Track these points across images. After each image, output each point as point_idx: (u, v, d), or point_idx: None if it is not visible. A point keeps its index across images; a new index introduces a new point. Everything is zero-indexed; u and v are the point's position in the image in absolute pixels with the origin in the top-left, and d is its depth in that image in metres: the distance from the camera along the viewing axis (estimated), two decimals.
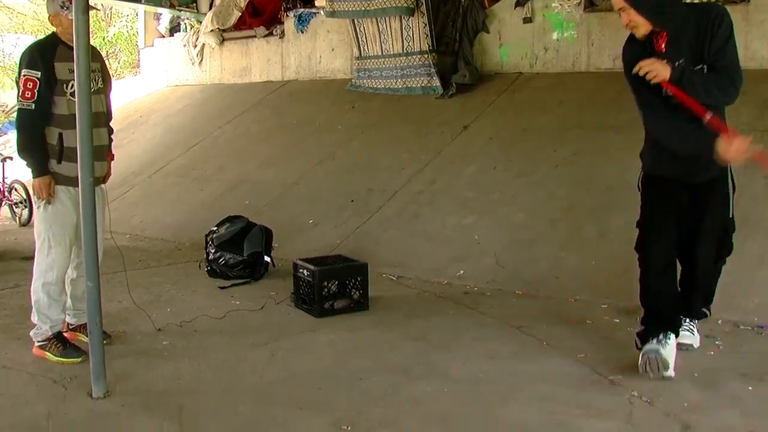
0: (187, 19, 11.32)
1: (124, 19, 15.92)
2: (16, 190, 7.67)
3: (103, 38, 15.28)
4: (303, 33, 9.60)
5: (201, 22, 10.77)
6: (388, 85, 8.31)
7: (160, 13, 11.72)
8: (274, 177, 7.36)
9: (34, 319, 3.64)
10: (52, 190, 3.53)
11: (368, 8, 8.15)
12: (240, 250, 5.27)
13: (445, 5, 7.95)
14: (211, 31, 10.46)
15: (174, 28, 11.76)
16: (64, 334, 3.73)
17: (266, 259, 5.34)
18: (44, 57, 3.49)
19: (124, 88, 11.56)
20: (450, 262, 5.21)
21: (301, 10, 9.67)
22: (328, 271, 4.46)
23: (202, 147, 8.74)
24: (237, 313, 4.41)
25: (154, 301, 4.63)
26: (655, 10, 3.08)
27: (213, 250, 5.36)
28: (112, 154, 3.90)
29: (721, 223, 3.38)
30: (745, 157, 2.98)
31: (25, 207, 7.53)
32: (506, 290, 4.77)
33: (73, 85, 3.33)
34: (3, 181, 7.71)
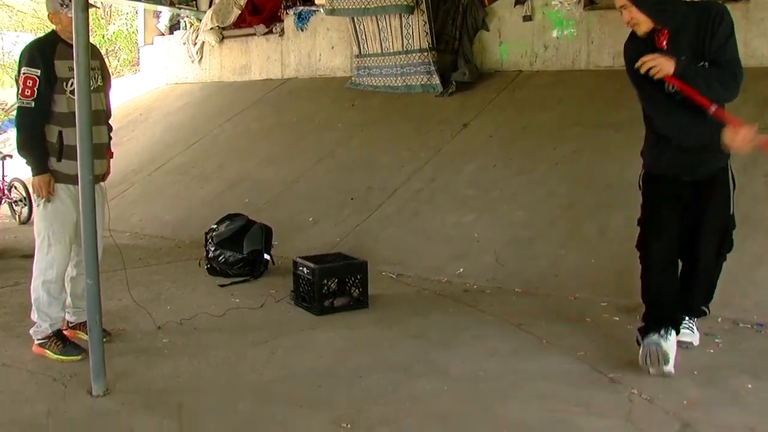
0: (187, 16, 11.33)
1: (123, 17, 15.88)
2: (15, 188, 7.67)
3: (103, 36, 15.25)
4: (303, 31, 9.60)
5: (201, 20, 10.77)
6: (387, 83, 8.31)
7: (160, 11, 11.71)
8: (274, 175, 7.36)
9: (34, 317, 3.64)
10: (52, 188, 3.53)
11: (368, 6, 8.14)
12: (240, 248, 5.27)
13: (445, 3, 7.95)
14: (211, 29, 10.45)
15: (174, 26, 11.76)
16: (64, 332, 3.73)
17: (266, 257, 5.34)
18: (44, 55, 3.48)
19: (124, 86, 11.55)
20: (450, 260, 5.21)
21: (301, 7, 9.67)
22: (328, 269, 4.45)
23: (202, 145, 8.73)
24: (237, 311, 4.41)
25: (153, 299, 4.63)
26: (656, 8, 3.11)
27: (213, 248, 5.36)
28: (111, 152, 3.89)
29: (722, 219, 3.39)
30: (751, 146, 3.01)
31: (25, 205, 7.53)
32: (506, 288, 4.77)
33: (72, 83, 3.33)
34: (3, 179, 7.71)
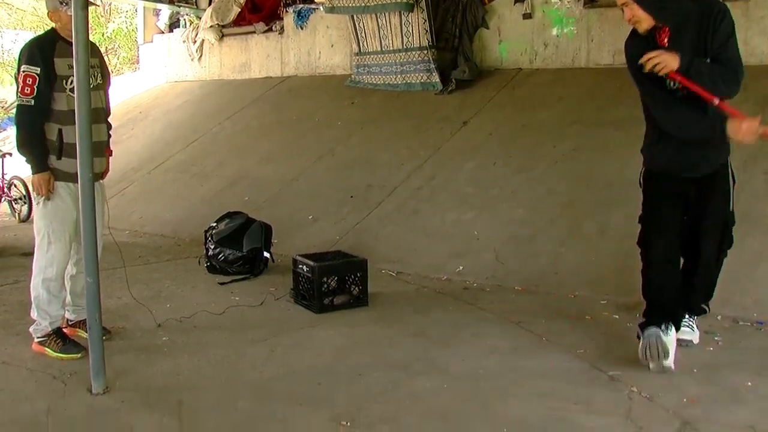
0: (187, 15, 11.32)
1: (123, 15, 15.88)
2: (15, 186, 7.67)
3: (103, 34, 15.24)
4: (302, 29, 9.59)
5: (200, 18, 10.77)
6: (387, 81, 8.31)
7: (160, 9, 11.71)
8: (274, 173, 7.35)
9: (34, 315, 3.63)
10: (52, 187, 3.52)
11: (368, 4, 8.13)
12: (239, 246, 5.27)
13: (445, 1, 7.95)
14: (211, 27, 10.45)
15: (173, 24, 11.75)
16: (64, 330, 3.73)
17: (266, 255, 5.34)
18: (44, 53, 3.47)
19: (124, 84, 11.54)
20: (449, 258, 5.21)
21: (301, 5, 9.66)
22: (328, 267, 4.45)
23: (202, 143, 8.73)
24: (236, 309, 4.41)
25: (153, 297, 4.63)
26: (657, 6, 3.12)
27: (212, 246, 5.36)
28: (111, 150, 3.89)
29: (722, 216, 3.39)
30: (755, 137, 3.03)
31: (25, 203, 7.53)
32: (506, 286, 4.77)
33: (72, 81, 3.32)
34: (2, 177, 7.71)
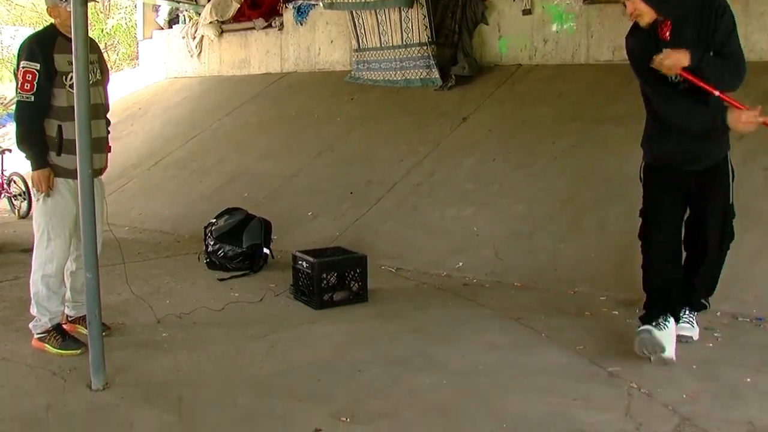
0: (186, 10, 11.29)
1: (122, 11, 15.85)
2: (15, 183, 7.67)
3: (102, 30, 15.21)
4: (302, 25, 9.58)
5: (200, 14, 10.75)
6: (387, 77, 8.29)
7: (159, 5, 11.69)
8: (273, 169, 7.35)
9: (33, 311, 3.64)
10: (52, 183, 3.52)
11: (367, 0, 8.11)
12: (239, 242, 5.27)
13: None
14: (210, 23, 10.44)
15: (173, 20, 11.74)
16: (64, 326, 3.73)
17: (265, 251, 5.34)
18: (43, 49, 3.46)
19: (123, 80, 11.54)
20: (449, 254, 5.21)
21: (300, 1, 9.63)
22: (327, 263, 4.45)
23: (201, 139, 8.72)
24: (236, 305, 4.41)
25: (153, 294, 4.62)
26: None
27: (212, 242, 5.36)
28: (109, 147, 3.89)
29: (724, 210, 3.40)
30: (755, 126, 3.07)
31: (24, 199, 7.53)
32: (505, 282, 4.77)
33: (72, 77, 3.31)
34: (2, 173, 7.71)
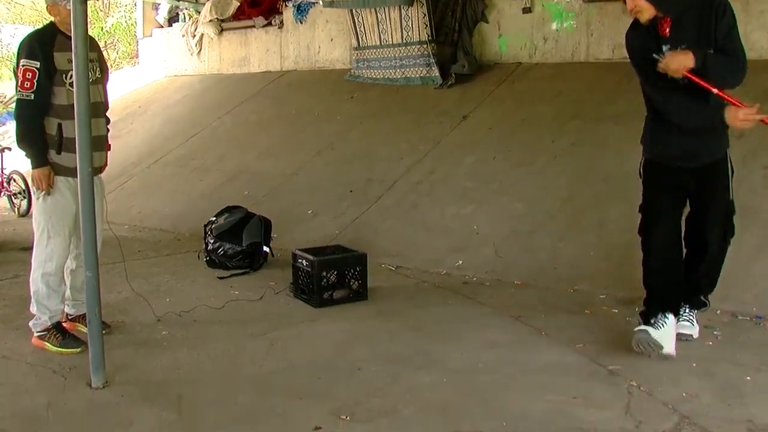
0: (186, 9, 11.30)
1: (122, 9, 15.84)
2: (14, 181, 7.66)
3: (102, 28, 15.20)
4: (302, 23, 9.57)
5: (200, 12, 10.74)
6: (386, 76, 8.29)
7: (159, 3, 11.69)
8: (273, 167, 7.35)
9: (33, 309, 3.64)
10: (52, 181, 3.52)
11: None
12: (239, 241, 5.27)
13: None
14: (210, 21, 10.43)
15: (172, 18, 11.74)
16: (63, 325, 3.74)
17: (265, 249, 5.34)
18: (43, 47, 3.46)
19: (123, 78, 11.53)
20: (449, 252, 5.21)
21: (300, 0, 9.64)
22: (327, 261, 4.46)
23: (201, 137, 8.72)
24: (236, 304, 4.41)
25: (153, 292, 4.62)
26: None
27: (212, 241, 5.36)
28: (109, 145, 3.88)
29: (724, 206, 3.41)
30: (753, 123, 3.08)
31: (24, 198, 7.52)
32: (505, 280, 4.77)
33: (72, 76, 3.31)
34: (2, 171, 7.70)
